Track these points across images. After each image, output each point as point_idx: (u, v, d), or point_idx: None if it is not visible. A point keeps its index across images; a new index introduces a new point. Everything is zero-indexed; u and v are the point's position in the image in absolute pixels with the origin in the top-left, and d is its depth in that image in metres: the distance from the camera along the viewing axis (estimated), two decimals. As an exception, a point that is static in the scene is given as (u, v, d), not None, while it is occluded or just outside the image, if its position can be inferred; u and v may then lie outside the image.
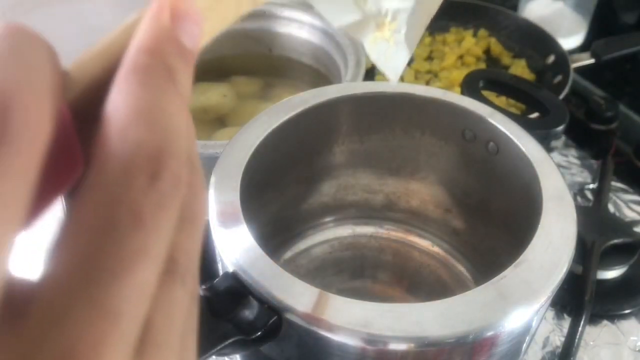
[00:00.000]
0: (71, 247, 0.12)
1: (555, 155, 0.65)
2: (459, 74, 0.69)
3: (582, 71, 0.71)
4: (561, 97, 0.61)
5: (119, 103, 0.13)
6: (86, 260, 0.11)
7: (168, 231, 0.13)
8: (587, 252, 0.50)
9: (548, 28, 0.74)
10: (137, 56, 0.14)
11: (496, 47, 0.76)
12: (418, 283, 0.51)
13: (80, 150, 0.13)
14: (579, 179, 0.63)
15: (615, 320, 0.49)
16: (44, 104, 0.12)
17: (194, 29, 0.15)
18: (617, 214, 0.59)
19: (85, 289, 0.11)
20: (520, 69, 0.73)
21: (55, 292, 0.11)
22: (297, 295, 0.29)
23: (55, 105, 0.12)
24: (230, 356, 0.39)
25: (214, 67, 0.66)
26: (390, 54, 0.27)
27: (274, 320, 0.29)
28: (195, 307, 0.14)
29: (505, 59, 0.75)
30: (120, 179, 0.12)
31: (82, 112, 0.13)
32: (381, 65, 0.27)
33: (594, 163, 0.65)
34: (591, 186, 0.62)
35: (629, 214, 0.59)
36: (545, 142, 0.41)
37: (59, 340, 0.11)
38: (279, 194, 0.46)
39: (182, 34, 0.15)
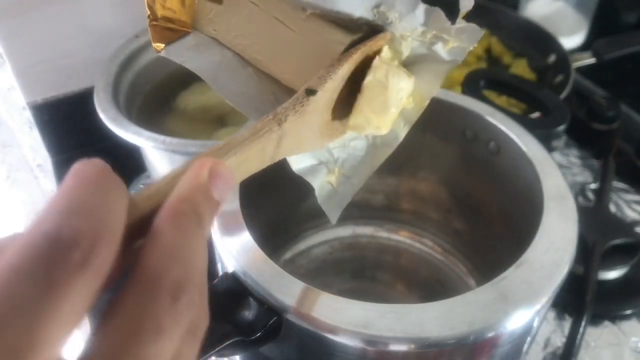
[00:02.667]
0: (103, 346, 0.15)
1: (556, 155, 0.65)
2: (460, 74, 0.68)
3: (583, 71, 0.71)
4: (562, 96, 0.61)
5: (158, 239, 0.17)
6: (112, 356, 0.15)
7: (177, 341, 0.16)
8: (588, 253, 0.49)
9: (549, 27, 0.74)
10: (176, 203, 0.18)
11: (497, 47, 0.76)
12: (418, 283, 0.51)
13: (121, 260, 0.17)
14: (580, 178, 0.63)
15: (617, 321, 0.49)
16: (116, 245, 0.16)
17: (224, 186, 0.20)
18: (619, 214, 0.58)
19: None
20: (521, 68, 0.72)
21: None
22: (297, 296, 0.29)
23: (120, 243, 0.16)
24: (230, 357, 0.39)
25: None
26: (333, 196, 0.31)
27: (273, 321, 0.29)
28: None
29: (506, 58, 0.75)
30: (151, 296, 0.16)
31: (129, 233, 0.17)
32: (325, 207, 0.31)
33: (595, 163, 0.64)
34: (592, 186, 0.62)
35: (631, 214, 0.59)
36: (546, 141, 0.41)
37: None
38: (279, 194, 0.46)
39: (214, 189, 0.19)
